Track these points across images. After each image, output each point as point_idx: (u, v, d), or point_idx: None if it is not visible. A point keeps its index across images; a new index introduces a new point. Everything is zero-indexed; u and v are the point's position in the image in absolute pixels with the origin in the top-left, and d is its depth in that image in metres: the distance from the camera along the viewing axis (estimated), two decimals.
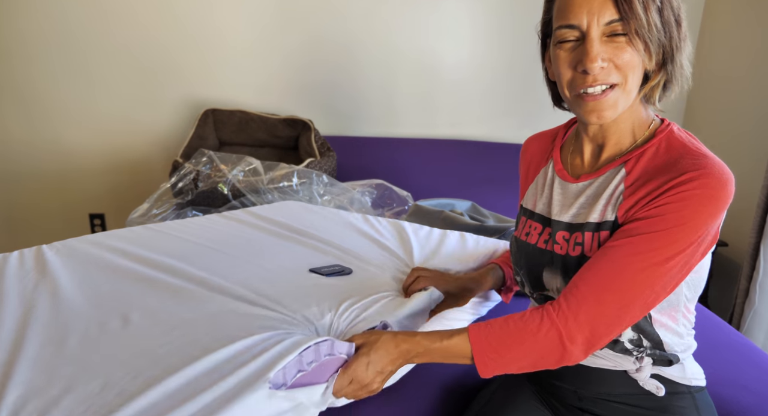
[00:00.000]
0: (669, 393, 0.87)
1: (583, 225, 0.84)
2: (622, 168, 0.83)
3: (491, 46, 2.72)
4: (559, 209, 0.89)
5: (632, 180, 0.80)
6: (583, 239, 0.83)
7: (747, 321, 2.15)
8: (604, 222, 0.82)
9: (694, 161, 0.75)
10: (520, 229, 0.97)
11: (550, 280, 0.88)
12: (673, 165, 0.76)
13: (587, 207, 0.85)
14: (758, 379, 1.13)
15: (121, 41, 2.58)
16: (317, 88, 2.73)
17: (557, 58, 0.80)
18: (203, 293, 1.00)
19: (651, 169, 0.79)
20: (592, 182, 0.86)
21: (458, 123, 2.84)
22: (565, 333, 0.75)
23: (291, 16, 2.61)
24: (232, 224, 1.45)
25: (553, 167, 0.94)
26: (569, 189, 0.89)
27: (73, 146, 2.71)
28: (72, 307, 0.95)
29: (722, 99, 2.62)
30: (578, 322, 0.75)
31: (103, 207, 2.82)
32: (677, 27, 0.78)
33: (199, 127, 2.51)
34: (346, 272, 1.14)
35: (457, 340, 0.79)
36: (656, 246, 0.74)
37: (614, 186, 0.82)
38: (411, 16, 2.65)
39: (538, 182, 0.97)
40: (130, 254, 1.19)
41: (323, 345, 0.79)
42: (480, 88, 2.79)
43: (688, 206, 0.73)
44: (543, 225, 0.91)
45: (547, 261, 0.88)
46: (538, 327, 0.76)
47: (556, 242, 0.87)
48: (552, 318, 0.76)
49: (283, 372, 0.74)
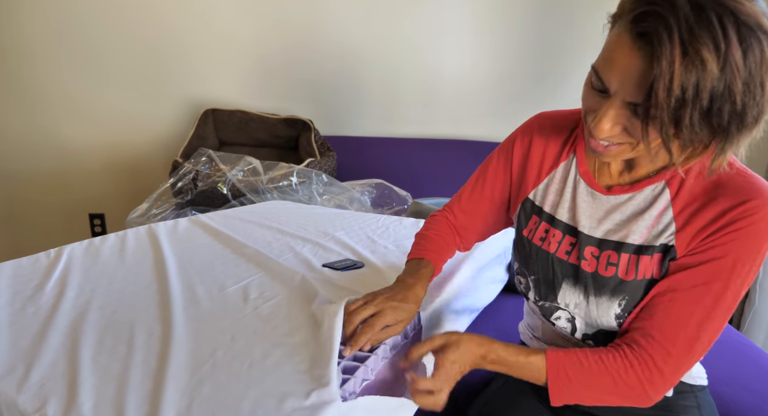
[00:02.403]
0: (673, 392, 0.87)
1: (621, 245, 0.79)
2: (666, 188, 0.77)
3: (492, 45, 2.72)
4: (588, 222, 0.83)
5: (682, 205, 0.75)
6: (618, 259, 0.79)
7: (747, 321, 2.16)
8: (648, 247, 0.77)
9: (747, 186, 0.72)
10: (531, 229, 0.90)
11: (568, 294, 0.84)
12: (725, 190, 0.72)
13: (624, 225, 0.79)
14: (758, 379, 1.14)
15: (121, 41, 2.57)
16: (317, 88, 2.73)
17: (585, 85, 0.73)
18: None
19: (700, 192, 0.74)
20: (630, 197, 0.80)
21: (458, 123, 2.84)
22: (650, 387, 0.74)
23: (292, 16, 2.61)
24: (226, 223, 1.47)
25: (576, 168, 0.86)
26: (600, 200, 0.82)
27: (73, 146, 2.71)
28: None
29: None
30: (664, 377, 0.74)
31: (103, 207, 2.82)
32: (740, 116, 0.62)
33: (199, 127, 2.51)
34: (358, 266, 1.17)
35: (534, 360, 0.77)
36: (728, 287, 0.72)
37: (660, 209, 0.77)
38: (411, 15, 2.65)
39: (556, 179, 0.88)
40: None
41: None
42: (480, 88, 2.79)
43: (751, 241, 0.70)
44: (564, 234, 0.85)
45: (570, 275, 0.84)
46: (619, 374, 0.74)
47: (584, 258, 0.82)
48: (636, 369, 0.74)
49: (353, 382, 0.76)
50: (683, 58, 0.58)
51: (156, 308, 0.95)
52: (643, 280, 0.77)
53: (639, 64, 0.62)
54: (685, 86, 0.59)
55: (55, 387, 0.72)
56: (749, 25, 0.59)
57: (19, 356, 0.79)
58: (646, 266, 0.77)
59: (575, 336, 0.86)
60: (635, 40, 0.62)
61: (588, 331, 0.85)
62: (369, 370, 0.80)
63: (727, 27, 0.58)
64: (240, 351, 0.81)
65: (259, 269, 1.13)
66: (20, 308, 0.93)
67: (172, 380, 0.73)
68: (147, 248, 1.25)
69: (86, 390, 0.71)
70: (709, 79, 0.58)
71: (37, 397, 0.70)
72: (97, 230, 2.84)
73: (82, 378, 0.74)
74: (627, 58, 0.63)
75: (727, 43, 0.58)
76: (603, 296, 0.80)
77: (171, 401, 0.69)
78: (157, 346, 0.82)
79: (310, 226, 1.48)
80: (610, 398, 0.76)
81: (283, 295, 1.00)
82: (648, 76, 0.61)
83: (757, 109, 0.62)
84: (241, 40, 2.63)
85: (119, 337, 0.85)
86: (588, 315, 0.82)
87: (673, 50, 0.58)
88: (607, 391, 0.75)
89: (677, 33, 0.58)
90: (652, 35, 0.60)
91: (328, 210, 1.74)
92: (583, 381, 0.75)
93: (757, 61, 0.59)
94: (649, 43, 0.61)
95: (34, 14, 2.50)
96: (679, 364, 0.74)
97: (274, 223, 1.49)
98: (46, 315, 0.91)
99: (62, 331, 0.86)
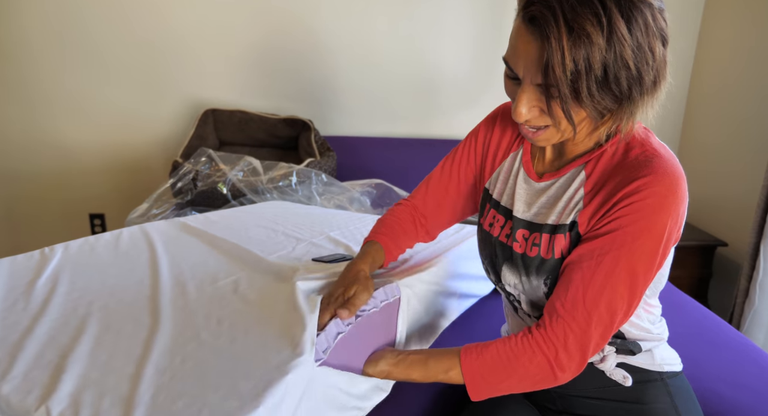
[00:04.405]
0: (640, 381, 0.87)
1: (542, 226, 0.84)
2: (582, 170, 0.81)
3: (492, 45, 2.72)
4: (521, 206, 0.88)
5: (591, 185, 0.79)
6: (540, 240, 0.83)
7: (747, 321, 2.14)
8: (560, 225, 0.81)
9: (645, 163, 0.74)
10: (485, 216, 0.95)
11: (508, 275, 0.88)
12: (626, 168, 0.75)
13: (547, 208, 0.84)
14: (758, 378, 1.13)
15: (121, 41, 2.58)
16: (317, 88, 2.73)
17: (504, 77, 0.79)
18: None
19: (608, 171, 0.78)
20: (554, 182, 0.85)
21: (458, 123, 2.84)
22: (556, 364, 0.77)
23: (291, 16, 2.61)
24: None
25: (521, 157, 0.92)
26: (532, 186, 0.88)
27: (73, 145, 2.71)
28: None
29: (722, 99, 2.62)
30: (568, 352, 0.76)
31: (103, 207, 2.82)
32: (638, 80, 0.68)
33: (199, 127, 2.51)
34: (347, 259, 1.15)
35: (450, 368, 0.80)
36: (623, 262, 0.74)
37: (574, 190, 0.81)
38: (412, 15, 2.65)
39: (504, 169, 0.94)
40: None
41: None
42: (480, 87, 2.79)
43: (643, 217, 0.73)
44: (505, 219, 0.90)
45: (507, 257, 0.88)
46: (529, 359, 0.77)
47: (516, 240, 0.87)
48: (542, 349, 0.77)
49: (325, 336, 0.78)
50: (569, 35, 0.64)
51: (145, 301, 0.95)
52: (560, 258, 0.81)
53: (535, 48, 0.68)
54: (576, 60, 0.64)
55: (40, 376, 0.73)
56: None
57: (7, 349, 0.79)
58: (561, 245, 0.81)
59: (532, 319, 0.90)
60: (527, 26, 0.68)
61: (535, 314, 0.88)
62: (344, 324, 0.82)
63: (606, 2, 0.64)
64: (224, 332, 0.82)
65: (251, 265, 1.12)
66: (12, 304, 0.93)
67: (154, 362, 0.74)
68: (142, 246, 1.25)
69: (70, 377, 0.72)
70: (597, 51, 0.64)
71: (21, 386, 0.71)
72: (97, 230, 2.85)
73: (67, 367, 0.74)
74: (525, 44, 0.69)
75: (608, 17, 0.64)
76: (532, 276, 0.84)
77: (151, 378, 0.70)
78: (143, 335, 0.83)
79: (305, 226, 1.48)
80: (524, 384, 0.79)
81: (272, 286, 1.00)
82: (543, 57, 0.66)
83: (653, 73, 0.69)
84: (241, 41, 2.63)
85: (107, 328, 0.85)
86: (526, 294, 0.87)
87: (560, 29, 0.64)
88: (521, 379, 0.78)
89: (561, 13, 0.64)
90: (540, 19, 0.66)
91: (325, 210, 1.73)
92: (496, 375, 0.78)
93: (642, 29, 0.66)
94: (539, 26, 0.66)
95: (34, 14, 2.50)
96: (582, 338, 0.76)
97: (270, 223, 1.49)
98: (36, 310, 0.91)
99: (51, 325, 0.86)
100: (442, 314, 1.14)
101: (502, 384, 0.79)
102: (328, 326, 0.80)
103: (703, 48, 2.75)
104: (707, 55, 2.72)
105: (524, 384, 0.79)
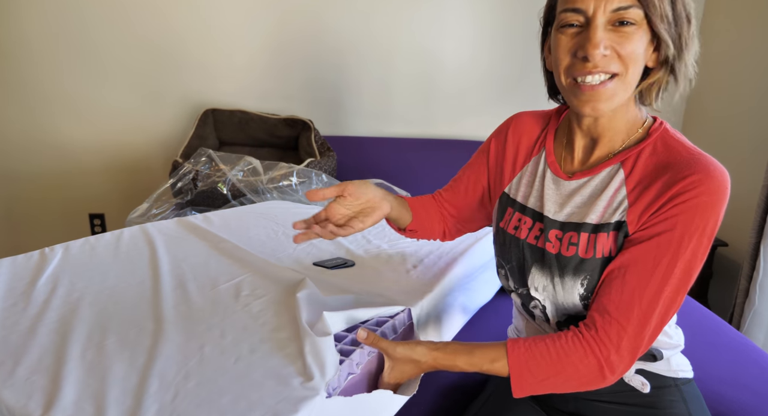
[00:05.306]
0: (656, 387, 0.86)
1: (580, 225, 0.82)
2: (620, 169, 0.81)
3: (492, 45, 2.71)
4: (552, 207, 0.87)
5: (634, 183, 0.79)
6: (578, 239, 0.82)
7: (747, 321, 2.14)
8: (603, 225, 0.80)
9: (693, 161, 0.75)
10: (506, 220, 0.94)
11: (537, 278, 0.87)
12: (673, 167, 0.75)
13: (583, 207, 0.83)
14: (758, 379, 1.13)
15: (121, 41, 2.58)
16: (317, 88, 2.73)
17: (557, 43, 0.78)
18: None
19: (651, 170, 0.78)
20: (588, 180, 0.84)
21: (458, 123, 2.83)
22: (607, 366, 0.76)
23: (291, 16, 2.61)
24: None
25: (545, 159, 0.91)
26: (563, 186, 0.87)
27: (73, 145, 2.71)
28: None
29: (722, 99, 2.62)
30: (620, 354, 0.76)
31: (103, 207, 2.82)
32: (687, 23, 0.76)
33: (199, 127, 2.51)
34: (348, 264, 1.16)
35: (497, 359, 0.79)
36: (680, 263, 0.74)
37: (614, 188, 0.80)
38: (411, 14, 2.65)
39: (528, 172, 0.94)
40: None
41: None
42: (480, 87, 2.79)
43: (697, 215, 0.72)
44: (533, 220, 0.89)
45: (538, 258, 0.87)
46: (580, 359, 0.76)
47: (549, 240, 0.85)
48: (594, 350, 0.76)
49: (338, 377, 0.76)
50: None
51: (147, 305, 0.94)
52: (602, 258, 0.80)
53: None
54: None
55: (41, 381, 0.72)
56: None
57: (8, 351, 0.79)
58: (603, 244, 0.80)
59: (552, 326, 0.88)
60: None
61: (560, 318, 0.87)
62: (354, 364, 0.80)
63: None
64: (228, 347, 0.81)
65: (252, 268, 1.12)
66: (12, 304, 0.93)
67: (157, 374, 0.73)
68: (142, 246, 1.24)
69: (71, 384, 0.71)
70: None
71: (22, 391, 0.70)
72: (97, 230, 2.85)
73: (67, 373, 0.73)
74: None
75: None
76: (566, 276, 0.82)
77: (155, 394, 0.69)
78: (146, 342, 0.82)
79: None
80: (570, 383, 0.78)
81: (273, 293, 1.00)
82: None
83: (690, 35, 0.78)
84: (241, 41, 2.63)
85: (108, 333, 0.85)
86: (555, 298, 0.85)
87: None
88: (568, 377, 0.77)
89: None
90: None
91: None
92: (544, 372, 0.77)
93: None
94: None
95: (34, 14, 2.50)
96: (635, 340, 0.75)
97: (270, 223, 1.49)
98: (36, 310, 0.91)
99: (51, 327, 0.86)
100: (449, 328, 1.13)
101: (548, 380, 0.77)
102: (341, 367, 0.78)
103: (703, 48, 2.74)
104: (707, 55, 2.72)
105: (570, 384, 0.78)
